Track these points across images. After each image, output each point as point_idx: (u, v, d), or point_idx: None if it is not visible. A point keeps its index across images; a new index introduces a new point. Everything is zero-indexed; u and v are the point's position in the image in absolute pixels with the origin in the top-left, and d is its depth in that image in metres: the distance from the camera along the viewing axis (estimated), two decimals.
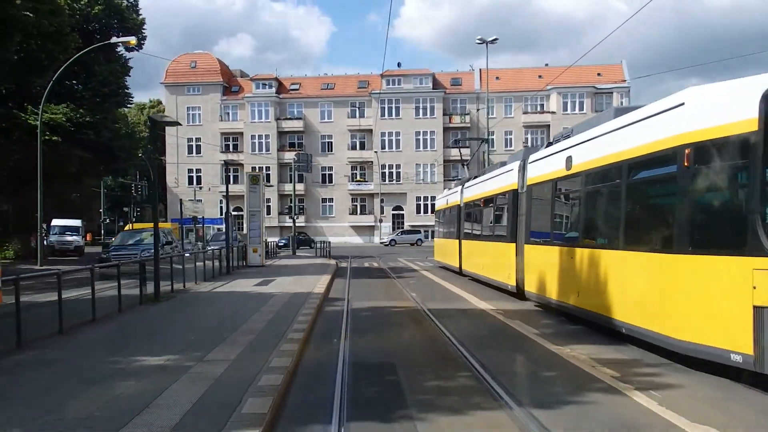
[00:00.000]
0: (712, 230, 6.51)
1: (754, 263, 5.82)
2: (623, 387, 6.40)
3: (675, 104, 6.86)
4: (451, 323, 10.60)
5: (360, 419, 5.51)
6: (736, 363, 6.02)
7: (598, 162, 8.80)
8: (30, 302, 9.74)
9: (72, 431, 4.91)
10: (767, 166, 5.82)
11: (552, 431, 5.08)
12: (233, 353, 7.78)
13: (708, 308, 6.36)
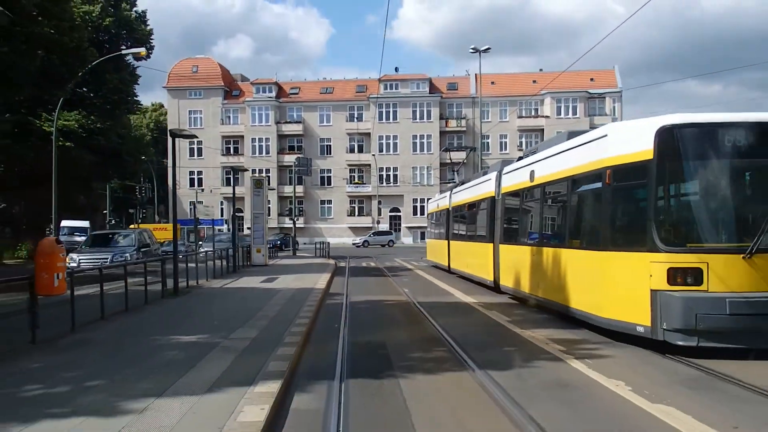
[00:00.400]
0: (624, 232, 8.36)
1: (650, 257, 7.68)
2: (565, 357, 8.14)
3: (601, 135, 8.74)
4: (437, 313, 12.33)
5: (356, 377, 7.23)
6: (640, 333, 7.86)
7: (552, 176, 10.67)
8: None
9: (149, 375, 6.64)
10: (659, 185, 7.70)
11: (500, 384, 6.79)
12: (252, 333, 9.50)
13: (621, 292, 8.20)
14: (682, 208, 8.18)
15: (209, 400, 5.84)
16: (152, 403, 5.77)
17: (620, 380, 6.88)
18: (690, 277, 7.52)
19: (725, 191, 7.77)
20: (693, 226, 7.89)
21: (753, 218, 7.73)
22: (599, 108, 62.37)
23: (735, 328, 7.44)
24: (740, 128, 7.67)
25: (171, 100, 65.67)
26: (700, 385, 6.76)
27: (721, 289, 7.50)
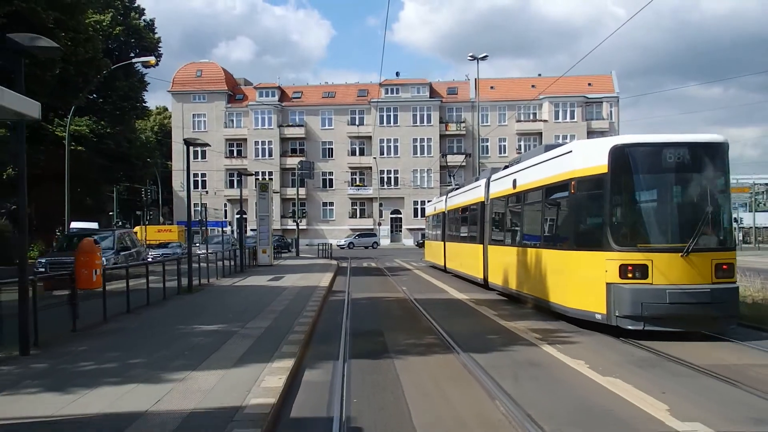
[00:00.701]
0: (585, 235, 9.71)
1: (606, 255, 9.06)
2: (539, 343, 9.41)
3: (568, 151, 10.11)
4: (431, 307, 13.60)
5: (357, 358, 8.49)
6: (598, 320, 9.20)
7: (530, 185, 12.02)
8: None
9: (181, 355, 7.91)
10: (612, 194, 9.09)
11: (479, 363, 8.05)
12: (265, 324, 10.77)
13: (583, 285, 9.54)
14: (631, 213, 9.53)
15: (236, 372, 7.11)
16: (189, 374, 7.04)
17: (581, 360, 8.15)
18: (638, 272, 8.90)
19: (666, 200, 9.23)
20: (640, 229, 9.29)
21: (689, 223, 9.10)
22: (596, 112, 63.62)
23: (674, 315, 8.84)
24: (677, 147, 9.11)
25: (175, 103, 67.02)
26: (646, 363, 8.03)
27: (662, 282, 8.88)
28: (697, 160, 9.18)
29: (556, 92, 59.99)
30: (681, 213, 9.36)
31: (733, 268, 9.25)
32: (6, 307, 8.49)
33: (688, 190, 9.32)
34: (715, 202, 9.14)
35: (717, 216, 9.24)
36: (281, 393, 6.30)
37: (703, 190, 9.06)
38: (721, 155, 9.33)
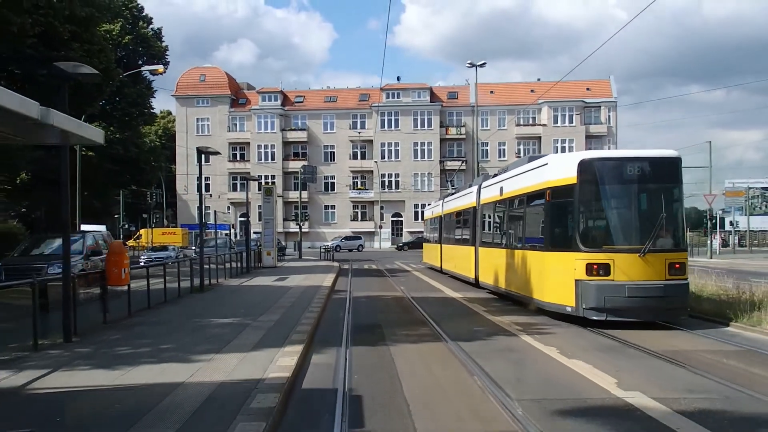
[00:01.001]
0: (558, 237, 10.99)
1: (575, 256, 10.37)
2: (520, 333, 10.65)
3: (545, 163, 11.45)
4: (426, 304, 14.85)
5: (357, 345, 9.73)
6: (568, 312, 10.49)
7: (514, 192, 13.32)
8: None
9: (204, 342, 9.17)
10: (581, 202, 10.39)
11: (464, 349, 9.28)
12: (274, 317, 12.03)
13: (557, 282, 10.82)
14: (596, 219, 10.91)
15: (254, 355, 8.36)
16: (214, 356, 8.29)
17: (553, 347, 9.39)
18: (601, 270, 10.23)
19: (626, 207, 10.60)
20: (604, 233, 10.69)
21: (646, 227, 10.46)
22: (595, 117, 64.85)
23: (631, 307, 10.20)
24: (636, 161, 10.49)
25: (179, 107, 68.35)
26: (608, 349, 9.28)
27: (622, 278, 10.23)
28: (654, 173, 10.60)
29: (555, 97, 61.24)
30: (639, 219, 10.73)
31: (684, 266, 10.58)
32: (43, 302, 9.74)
33: (645, 199, 10.71)
34: (669, 209, 10.50)
35: (670, 221, 10.62)
36: (294, 370, 7.55)
37: (659, 199, 10.43)
38: (674, 169, 10.80)
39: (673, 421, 5.79)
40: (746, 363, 8.35)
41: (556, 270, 11.13)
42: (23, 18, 15.77)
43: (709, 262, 34.00)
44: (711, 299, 13.12)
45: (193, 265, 18.17)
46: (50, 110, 5.62)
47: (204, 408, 5.87)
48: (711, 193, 38.77)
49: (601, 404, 6.43)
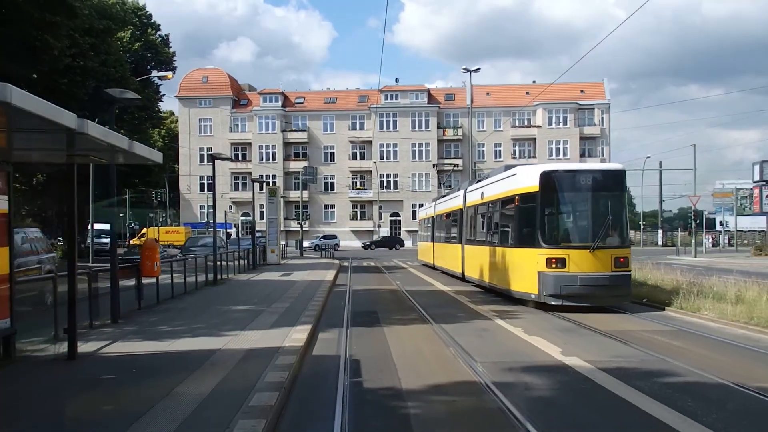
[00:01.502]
0: (525, 236, 13.05)
1: (538, 251, 12.46)
2: (494, 317, 12.63)
3: (514, 173, 13.58)
4: (417, 296, 16.83)
5: (356, 326, 11.71)
6: (532, 299, 12.58)
7: (492, 197, 15.39)
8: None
9: (228, 323, 11.14)
10: (542, 207, 12.49)
11: (445, 329, 11.26)
12: (285, 305, 14.00)
13: (523, 274, 12.89)
14: (554, 221, 13.01)
15: (272, 332, 10.33)
16: (240, 332, 10.26)
17: (519, 327, 11.37)
18: (558, 263, 12.30)
19: (579, 211, 12.73)
20: (561, 233, 12.82)
21: (596, 228, 12.63)
22: (588, 119, 66.82)
23: (582, 294, 12.30)
24: (588, 173, 12.67)
25: (182, 108, 70.30)
26: (564, 329, 11.28)
27: (575, 270, 12.30)
28: (603, 183, 12.81)
29: (549, 99, 63.20)
30: (590, 221, 12.89)
31: (627, 260, 12.70)
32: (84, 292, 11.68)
33: (595, 204, 12.89)
34: (614, 213, 12.70)
35: (616, 223, 12.83)
36: (305, 341, 9.53)
37: (606, 204, 12.66)
38: (620, 179, 13.01)
39: (592, 373, 7.78)
40: (670, 338, 10.36)
41: (523, 263, 13.25)
42: (62, 42, 17.71)
43: (692, 260, 36.00)
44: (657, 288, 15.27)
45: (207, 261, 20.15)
46: (134, 143, 7.52)
47: (241, 363, 7.84)
48: (696, 195, 40.74)
49: (543, 364, 8.42)
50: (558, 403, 6.80)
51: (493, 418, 6.14)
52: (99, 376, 7.42)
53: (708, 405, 6.44)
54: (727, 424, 5.75)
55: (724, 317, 11.81)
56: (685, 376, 7.74)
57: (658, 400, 6.52)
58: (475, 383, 7.44)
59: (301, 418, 6.18)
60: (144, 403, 5.93)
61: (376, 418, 6.19)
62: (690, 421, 5.84)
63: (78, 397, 6.46)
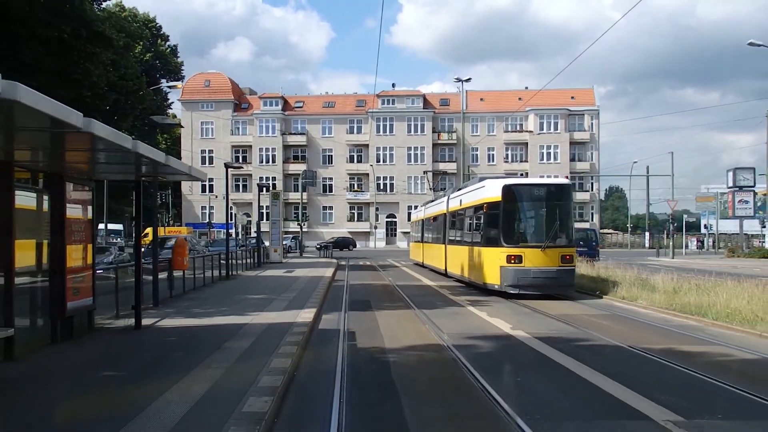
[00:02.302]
0: (491, 237, 15.92)
1: (500, 250, 15.36)
2: (467, 305, 15.40)
3: (483, 185, 16.45)
4: (405, 289, 19.60)
5: (352, 311, 14.47)
6: (496, 288, 15.49)
7: (467, 204, 18.32)
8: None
9: (248, 307, 13.89)
10: (504, 213, 15.43)
11: (425, 313, 14.00)
12: (292, 295, 16.75)
13: (489, 268, 15.75)
14: (514, 225, 15.91)
15: (285, 312, 13.08)
16: (259, 313, 13.00)
17: (485, 312, 14.14)
18: (516, 260, 15.16)
19: (533, 217, 15.64)
20: (519, 235, 15.70)
21: (546, 231, 15.62)
22: (578, 124, 69.64)
23: (535, 284, 15.24)
24: (541, 186, 15.69)
25: (185, 111, 72.90)
26: (520, 313, 14.05)
27: (530, 265, 15.22)
28: (552, 194, 15.90)
29: (541, 105, 66.12)
30: (542, 225, 15.92)
31: (572, 257, 15.65)
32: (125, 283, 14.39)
33: (546, 212, 15.91)
34: (562, 219, 15.72)
35: (563, 227, 15.83)
36: (312, 319, 12.28)
37: (555, 211, 15.68)
38: (567, 191, 16.06)
39: (528, 340, 10.55)
40: (602, 319, 13.15)
41: (489, 260, 16.24)
42: (100, 69, 20.44)
43: (669, 261, 38.78)
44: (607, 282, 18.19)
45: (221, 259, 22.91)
46: (192, 168, 10.26)
47: (264, 333, 10.58)
48: (674, 199, 43.61)
49: (494, 335, 11.20)
50: (494, 356, 9.57)
51: (448, 364, 8.89)
52: (163, 338, 10.18)
53: (599, 357, 9.23)
54: (605, 366, 8.48)
55: (653, 305, 14.60)
56: (594, 341, 10.55)
57: (566, 354, 9.29)
58: (440, 345, 10.20)
59: (315, 362, 8.91)
60: (205, 353, 8.67)
61: (366, 363, 8.93)
62: (582, 365, 8.59)
63: (154, 352, 9.18)
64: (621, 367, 8.60)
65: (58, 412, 5.93)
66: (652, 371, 8.43)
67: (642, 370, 8.45)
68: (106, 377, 7.49)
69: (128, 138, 7.56)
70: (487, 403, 6.74)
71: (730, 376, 7.83)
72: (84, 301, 10.28)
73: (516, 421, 5.96)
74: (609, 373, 7.98)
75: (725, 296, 13.71)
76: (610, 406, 6.67)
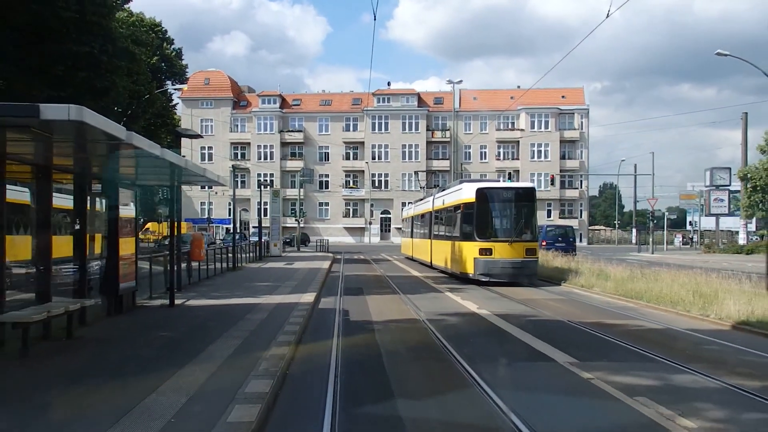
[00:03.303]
0: (467, 233, 18.70)
1: (474, 244, 18.32)
2: (447, 292, 18.03)
3: (460, 188, 19.29)
4: (395, 279, 22.25)
5: (347, 296, 17.10)
6: (471, 276, 18.33)
7: (448, 204, 21.13)
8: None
9: (257, 292, 16.52)
10: (477, 212, 18.40)
11: (409, 298, 16.63)
12: (294, 283, 19.37)
13: (465, 260, 18.54)
14: (485, 222, 18.68)
15: (289, 296, 15.69)
16: (267, 296, 15.61)
17: (459, 296, 16.78)
18: (487, 252, 17.94)
19: (502, 216, 18.54)
20: (489, 230, 18.50)
21: (513, 227, 18.52)
22: (569, 123, 72.24)
23: (502, 273, 18.12)
24: (509, 189, 18.56)
25: (185, 109, 75.31)
26: (489, 297, 16.71)
27: (498, 257, 18.11)
28: (518, 196, 18.87)
29: (532, 104, 68.79)
30: (509, 223, 18.83)
31: (535, 250, 18.56)
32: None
33: (513, 211, 18.80)
34: (526, 217, 18.68)
35: (527, 224, 18.83)
36: (313, 300, 14.91)
37: (521, 211, 18.58)
38: (532, 193, 18.97)
39: (489, 316, 13.19)
40: (558, 303, 15.81)
41: (465, 253, 19.09)
42: (125, 82, 22.97)
43: (647, 256, 41.48)
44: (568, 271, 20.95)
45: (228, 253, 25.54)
46: (220, 177, 12.83)
47: (275, 309, 13.18)
48: (654, 198, 46.33)
49: (462, 312, 13.85)
50: (457, 326, 12.22)
51: (419, 330, 11.52)
52: (195, 313, 12.81)
53: (539, 327, 11.87)
54: (540, 332, 11.10)
55: (605, 291, 17.29)
56: (541, 317, 13.23)
57: (514, 325, 11.94)
58: (416, 319, 12.84)
59: (317, 329, 11.52)
60: (232, 322, 11.28)
61: (356, 330, 11.55)
62: (522, 331, 11.23)
63: (193, 321, 11.78)
64: (552, 333, 11.23)
65: (137, 356, 8.54)
66: (574, 336, 11.09)
67: (567, 335, 11.11)
68: (164, 336, 10.10)
69: (181, 158, 10.18)
70: (444, 353, 9.37)
71: (631, 339, 10.49)
72: (130, 284, 12.88)
73: (461, 362, 8.59)
74: (541, 336, 10.62)
75: (663, 284, 16.40)
76: (531, 355, 9.34)
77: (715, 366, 8.51)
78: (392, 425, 6.14)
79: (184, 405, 5.96)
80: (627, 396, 6.91)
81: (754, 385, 7.50)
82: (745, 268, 22.04)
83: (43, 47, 19.61)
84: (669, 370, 8.29)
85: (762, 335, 10.99)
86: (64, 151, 8.85)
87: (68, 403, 6.12)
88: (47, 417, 5.67)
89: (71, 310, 9.21)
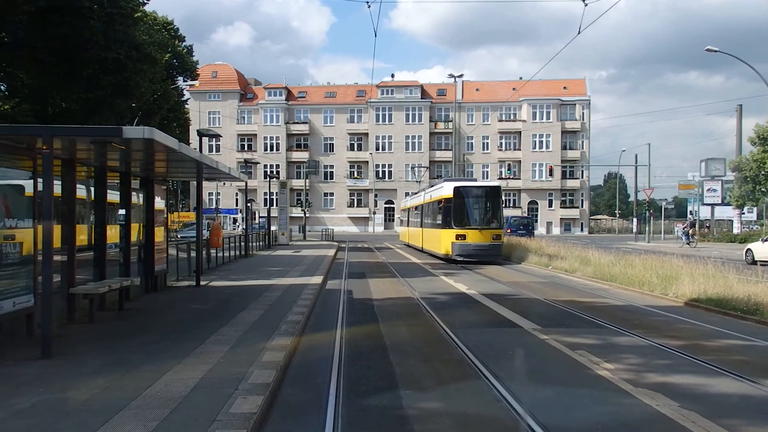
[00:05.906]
0: (447, 222, 21.83)
1: (451, 231, 22.04)
2: (440, 275, 20.06)
3: (442, 186, 22.55)
4: (395, 265, 24.28)
5: (351, 279, 19.14)
6: (450, 257, 21.29)
7: (434, 198, 23.94)
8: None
9: (271, 275, 18.57)
10: (454, 206, 21.96)
11: (406, 281, 18.65)
12: (302, 268, 21.42)
13: (445, 244, 21.89)
14: (461, 214, 21.93)
15: (299, 279, 17.74)
16: (280, 279, 17.65)
17: (452, 279, 18.79)
18: (462, 237, 21.68)
19: (474, 208, 22.08)
20: (464, 220, 22.01)
21: (483, 218, 22.17)
22: (570, 114, 73.88)
23: (474, 254, 21.79)
24: (480, 188, 22.71)
25: (193, 102, 77.15)
26: (479, 280, 18.72)
27: (470, 241, 21.94)
28: (488, 193, 23.16)
29: (534, 95, 70.50)
30: (479, 214, 22.61)
31: (500, 236, 22.84)
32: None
33: (483, 205, 22.64)
34: (494, 209, 22.86)
35: (495, 215, 23.13)
36: (321, 282, 16.94)
37: (489, 205, 22.43)
38: (498, 191, 23.23)
39: (476, 295, 15.19)
40: (541, 285, 17.79)
41: (445, 238, 22.82)
42: (146, 83, 25.01)
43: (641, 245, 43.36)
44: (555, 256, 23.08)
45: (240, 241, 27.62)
46: (242, 174, 14.81)
47: (288, 289, 15.21)
48: (649, 188, 48.12)
49: (452, 292, 15.87)
50: (446, 302, 14.22)
51: (413, 306, 13.53)
52: (220, 291, 14.86)
53: (517, 303, 13.87)
54: (516, 307, 13.07)
55: (585, 275, 19.26)
56: (521, 296, 15.24)
57: (494, 301, 13.93)
58: (411, 297, 14.87)
59: (324, 306, 13.53)
60: (252, 298, 13.31)
61: (358, 304, 13.57)
62: (501, 306, 13.22)
63: (220, 297, 13.80)
64: (527, 308, 13.23)
65: (183, 320, 10.57)
66: (545, 310, 13.09)
67: (538, 309, 13.11)
68: (198, 308, 12.15)
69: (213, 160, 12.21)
70: (431, 321, 11.39)
71: (592, 312, 12.47)
72: (162, 266, 14.94)
73: (443, 327, 10.60)
74: (515, 310, 12.63)
75: (636, 269, 18.33)
76: (502, 323, 11.36)
77: (651, 331, 10.49)
78: (381, 356, 8.19)
79: (228, 351, 8.00)
80: (570, 350, 8.91)
81: (675, 343, 9.48)
82: (733, 256, 24.04)
83: (76, 54, 21.64)
84: (612, 334, 10.29)
85: (706, 310, 12.97)
86: (123, 157, 10.87)
87: (153, 345, 8.19)
88: (154, 348, 7.70)
89: (124, 286, 11.26)
